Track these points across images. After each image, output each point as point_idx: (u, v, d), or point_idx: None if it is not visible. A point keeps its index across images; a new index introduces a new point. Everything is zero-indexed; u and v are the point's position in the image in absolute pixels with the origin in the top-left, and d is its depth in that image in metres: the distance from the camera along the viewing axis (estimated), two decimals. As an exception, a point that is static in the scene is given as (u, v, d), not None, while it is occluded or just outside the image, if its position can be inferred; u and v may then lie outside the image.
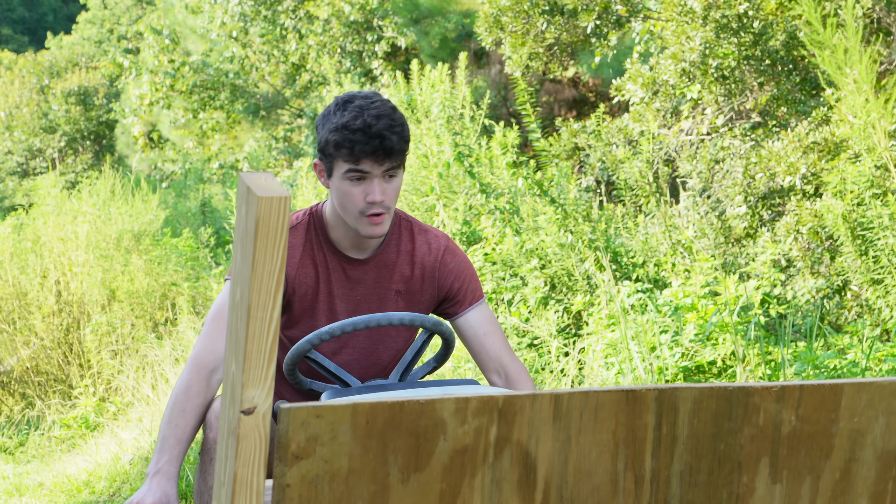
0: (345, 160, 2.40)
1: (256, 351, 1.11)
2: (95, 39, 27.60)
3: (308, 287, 2.53)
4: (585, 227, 5.37)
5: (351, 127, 2.37)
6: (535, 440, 1.20)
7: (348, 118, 2.38)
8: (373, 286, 2.57)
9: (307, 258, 2.54)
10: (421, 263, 2.59)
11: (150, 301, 7.54)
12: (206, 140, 14.46)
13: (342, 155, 2.39)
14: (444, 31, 11.42)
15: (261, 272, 1.09)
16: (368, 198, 2.41)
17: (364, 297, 2.56)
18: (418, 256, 2.59)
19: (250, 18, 13.14)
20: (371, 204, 2.41)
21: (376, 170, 2.40)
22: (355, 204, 2.42)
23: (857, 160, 4.79)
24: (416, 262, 2.59)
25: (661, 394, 1.23)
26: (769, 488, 1.30)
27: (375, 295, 2.56)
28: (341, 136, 2.38)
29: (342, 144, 2.38)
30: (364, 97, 2.43)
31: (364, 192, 2.41)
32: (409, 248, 2.60)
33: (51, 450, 6.33)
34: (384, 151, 2.38)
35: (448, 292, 2.61)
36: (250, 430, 1.12)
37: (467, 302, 2.61)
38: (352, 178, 2.41)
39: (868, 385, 1.29)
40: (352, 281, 2.55)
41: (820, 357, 3.87)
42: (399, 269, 2.58)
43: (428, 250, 2.61)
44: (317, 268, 2.54)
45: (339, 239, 2.54)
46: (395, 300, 2.58)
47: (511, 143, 6.51)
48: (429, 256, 2.60)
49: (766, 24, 5.71)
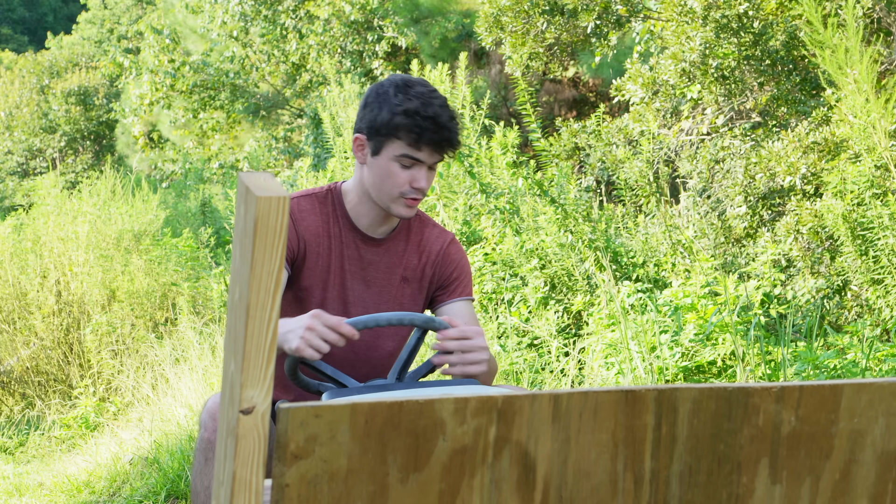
0: (406, 143, 2.44)
1: (255, 350, 1.11)
2: (95, 39, 27.61)
3: (320, 256, 2.56)
4: (585, 227, 5.37)
5: (422, 114, 2.42)
6: (535, 440, 1.20)
7: (416, 105, 2.43)
8: (383, 270, 2.61)
9: (322, 228, 2.56)
10: (427, 252, 2.65)
11: (150, 301, 7.54)
12: (206, 140, 14.46)
13: (405, 139, 2.44)
14: (445, 31, 11.43)
15: (259, 272, 1.09)
16: (415, 184, 2.47)
17: (374, 279, 2.60)
18: (425, 246, 2.66)
19: (251, 18, 13.14)
20: (416, 189, 2.47)
21: (430, 159, 2.46)
22: (398, 186, 2.47)
23: (857, 160, 4.79)
24: (423, 251, 2.65)
25: (660, 394, 1.23)
26: (769, 489, 1.29)
27: (385, 279, 2.61)
28: (411, 121, 2.42)
29: (410, 129, 2.42)
30: (422, 84, 2.48)
31: (411, 177, 2.47)
32: (417, 238, 2.66)
33: (51, 450, 6.33)
34: (448, 144, 2.46)
35: (444, 280, 2.67)
36: (249, 430, 1.12)
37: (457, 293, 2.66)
38: (404, 162, 2.46)
39: (868, 386, 1.29)
40: (364, 261, 2.59)
41: (820, 357, 3.87)
42: (407, 257, 2.63)
43: (435, 240, 2.67)
44: (331, 240, 2.57)
45: (360, 216, 2.58)
46: (401, 286, 2.62)
47: (511, 143, 6.51)
48: (435, 245, 2.67)
49: (766, 24, 5.71)
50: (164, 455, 4.91)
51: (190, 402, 5.64)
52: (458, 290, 2.66)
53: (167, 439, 5.17)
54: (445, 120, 2.43)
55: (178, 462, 4.74)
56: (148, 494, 4.59)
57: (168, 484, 4.60)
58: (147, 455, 5.09)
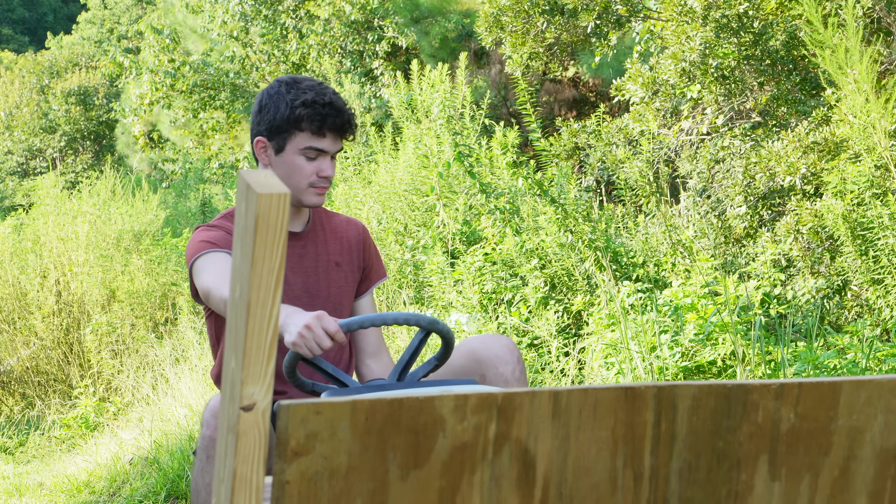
0: (309, 133, 2.55)
1: (256, 348, 1.11)
2: (95, 39, 27.60)
3: None
4: (585, 227, 5.37)
5: (319, 102, 2.54)
6: (535, 437, 1.21)
7: (312, 95, 2.55)
8: (314, 259, 2.74)
9: None
10: (346, 238, 2.81)
11: (150, 301, 7.54)
12: (207, 140, 14.46)
13: (308, 128, 2.55)
14: (445, 31, 11.42)
15: (260, 269, 1.09)
16: (322, 173, 2.59)
17: (312, 268, 2.73)
18: (342, 233, 2.81)
19: (251, 18, 13.14)
20: (323, 178, 2.60)
21: (333, 147, 2.59)
22: (306, 177, 2.59)
23: (857, 160, 4.79)
24: (341, 237, 2.80)
25: (660, 391, 1.23)
26: (768, 486, 1.30)
27: (322, 267, 2.74)
28: (311, 110, 2.53)
29: (312, 118, 2.54)
30: (309, 79, 2.62)
31: (317, 168, 2.59)
32: (332, 226, 2.81)
33: (51, 450, 6.33)
34: (349, 127, 2.59)
35: (366, 265, 2.84)
36: (250, 427, 1.12)
37: (370, 281, 2.86)
38: (308, 154, 2.58)
39: (867, 383, 1.29)
40: (295, 255, 2.71)
41: (820, 357, 3.87)
42: (329, 244, 2.77)
43: (346, 227, 2.84)
44: None
45: None
46: (337, 271, 2.75)
47: (511, 143, 6.51)
48: (351, 231, 2.83)
49: (766, 24, 5.71)
50: (164, 455, 4.91)
51: (190, 402, 5.64)
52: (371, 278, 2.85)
53: (167, 439, 5.17)
54: (342, 105, 2.56)
55: (178, 462, 4.74)
56: (148, 494, 4.59)
57: (168, 484, 4.60)
58: (147, 455, 5.09)
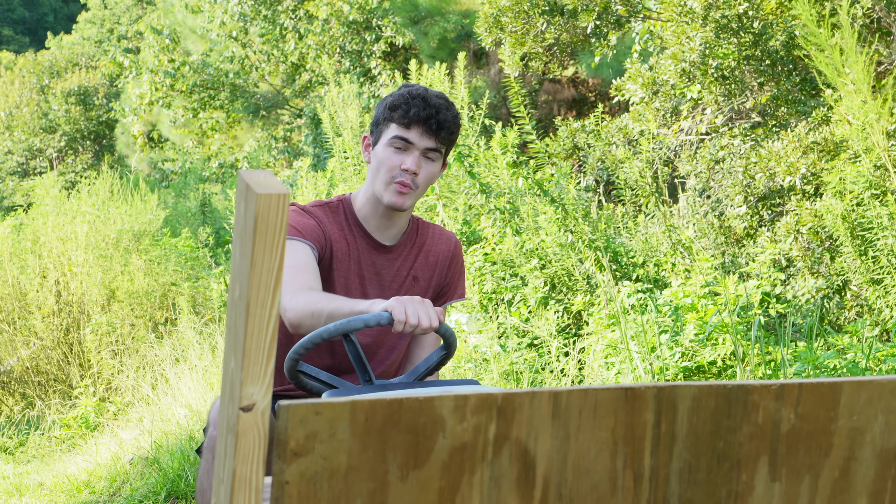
0: (397, 123, 2.53)
1: (255, 348, 1.11)
2: (95, 39, 27.61)
3: (342, 260, 2.63)
4: (585, 227, 5.36)
5: (412, 94, 2.54)
6: (534, 438, 1.20)
7: (410, 90, 2.56)
8: (395, 273, 2.70)
9: (340, 235, 2.64)
10: (435, 253, 2.75)
11: (150, 301, 7.54)
12: (206, 140, 14.46)
13: (396, 117, 2.53)
14: (444, 31, 11.43)
15: (259, 269, 1.09)
16: (404, 165, 2.53)
17: (388, 282, 2.69)
18: (431, 247, 2.75)
19: (250, 18, 13.14)
20: (404, 171, 2.54)
21: (421, 142, 2.53)
22: (390, 169, 2.55)
23: (856, 160, 4.79)
24: (429, 252, 2.74)
25: (660, 392, 1.23)
26: (768, 486, 1.29)
27: (398, 281, 2.69)
28: (401, 99, 2.54)
29: (399, 106, 2.53)
30: (426, 88, 2.60)
31: (402, 160, 2.54)
32: (421, 241, 2.74)
33: (51, 450, 6.33)
34: (437, 123, 2.52)
35: (447, 281, 2.77)
36: (249, 427, 1.12)
37: (448, 297, 2.78)
38: (396, 144, 2.54)
39: (867, 383, 1.29)
40: (377, 266, 2.67)
41: (820, 357, 3.87)
42: (413, 258, 2.72)
43: (439, 241, 2.77)
44: (349, 247, 2.64)
45: (368, 219, 2.65)
46: (411, 285, 2.71)
47: (511, 143, 6.51)
48: (440, 246, 2.76)
49: (765, 25, 5.71)
50: (164, 455, 4.90)
51: (190, 402, 5.64)
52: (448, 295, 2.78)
53: (167, 439, 5.17)
54: (437, 104, 2.53)
55: (178, 462, 4.74)
56: (148, 494, 4.59)
57: (168, 484, 4.60)
58: (147, 455, 5.08)
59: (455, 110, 2.58)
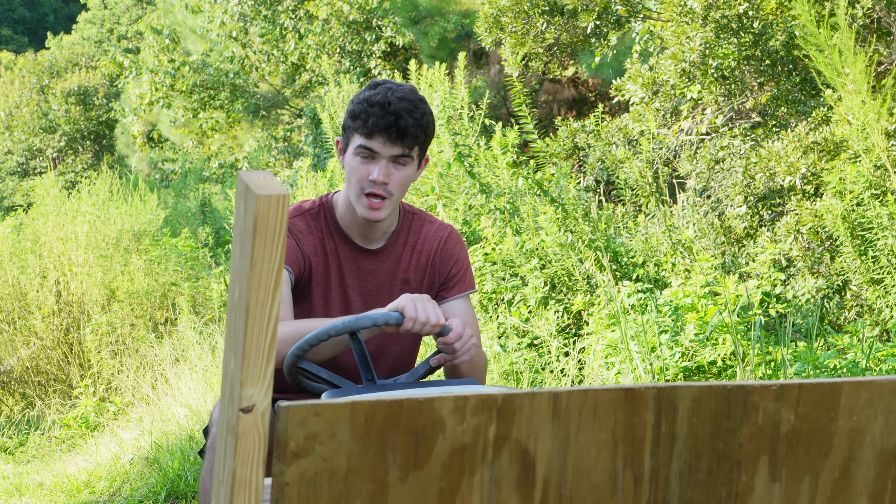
0: (359, 133, 2.40)
1: (255, 349, 1.11)
2: (95, 39, 27.61)
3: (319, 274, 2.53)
4: (585, 227, 5.36)
5: (371, 101, 2.39)
6: (534, 439, 1.20)
7: (372, 93, 2.41)
8: (383, 277, 2.58)
9: (319, 247, 2.53)
10: (427, 251, 2.60)
11: (150, 301, 7.54)
12: (206, 140, 14.46)
13: (357, 127, 2.40)
14: (444, 31, 11.43)
15: (259, 270, 1.09)
16: (371, 176, 2.40)
17: (376, 288, 2.57)
18: (420, 245, 2.60)
19: (250, 18, 13.14)
20: (372, 182, 2.41)
21: (386, 151, 2.40)
22: (359, 181, 2.42)
23: (856, 160, 4.79)
24: (420, 251, 2.60)
25: (659, 392, 1.23)
26: (768, 487, 1.29)
27: (386, 287, 2.57)
28: (360, 108, 2.39)
29: (358, 115, 2.39)
30: (395, 83, 2.45)
31: (369, 170, 2.41)
32: (414, 239, 2.61)
33: (51, 450, 6.33)
34: (397, 131, 2.37)
35: (445, 276, 2.62)
36: (249, 429, 1.12)
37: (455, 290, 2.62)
38: (362, 154, 2.41)
39: (867, 384, 1.29)
40: (362, 272, 2.56)
41: (820, 357, 3.87)
42: (403, 260, 2.59)
43: (431, 237, 2.62)
44: (328, 257, 2.54)
45: (349, 225, 2.54)
46: (402, 288, 2.59)
47: (511, 143, 6.51)
48: (432, 243, 2.61)
49: (765, 25, 5.71)
50: (164, 455, 4.90)
51: (190, 402, 5.64)
52: (456, 287, 2.62)
53: (167, 439, 5.17)
54: (399, 107, 2.37)
55: (178, 462, 4.74)
56: (148, 494, 4.59)
57: (168, 484, 4.60)
58: (147, 455, 5.08)
59: (422, 109, 2.41)
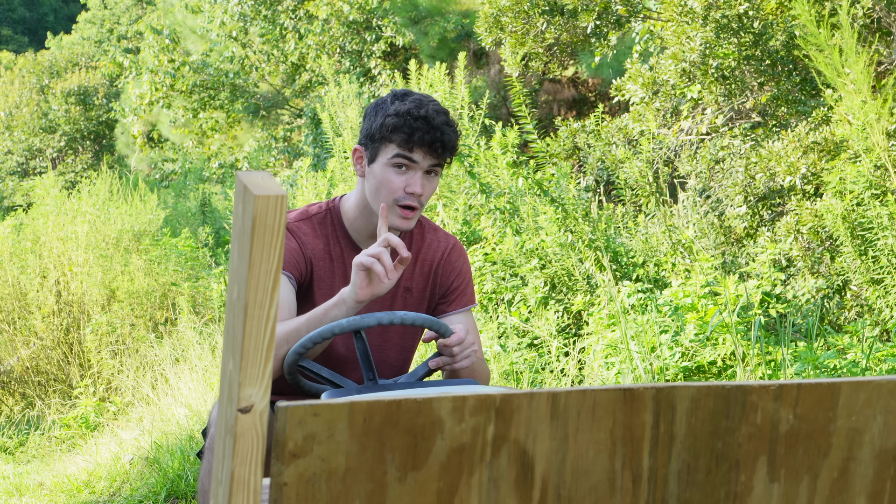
0: (398, 145, 2.41)
1: (254, 349, 1.11)
2: (95, 39, 27.62)
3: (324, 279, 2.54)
4: (585, 227, 5.36)
5: (413, 114, 2.40)
6: (533, 439, 1.20)
7: (410, 106, 2.42)
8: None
9: (324, 251, 2.54)
10: (429, 261, 2.61)
11: (150, 301, 7.54)
12: (206, 140, 14.46)
13: (397, 139, 2.41)
14: (444, 31, 11.42)
15: (257, 270, 1.09)
16: (409, 188, 2.42)
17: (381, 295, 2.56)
18: (426, 255, 2.62)
19: (250, 18, 13.14)
20: (409, 194, 2.43)
21: (424, 162, 2.43)
22: (392, 192, 2.43)
23: (856, 160, 4.78)
24: (423, 259, 2.61)
25: (658, 392, 1.23)
26: (767, 487, 1.29)
27: (388, 293, 2.57)
28: (402, 121, 2.40)
29: (401, 129, 2.40)
30: (421, 94, 2.48)
31: (405, 182, 2.43)
32: (418, 247, 2.62)
33: (51, 450, 6.33)
34: (441, 145, 2.42)
35: (446, 289, 2.63)
36: (247, 429, 1.12)
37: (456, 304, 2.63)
38: (398, 164, 2.43)
39: (866, 384, 1.29)
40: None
41: (820, 357, 3.87)
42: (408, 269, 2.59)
43: (434, 248, 2.63)
44: (333, 262, 2.54)
45: (359, 230, 2.55)
46: (403, 296, 2.59)
47: (511, 142, 6.51)
48: (435, 253, 2.63)
49: (766, 25, 5.71)
50: (164, 455, 4.91)
51: (190, 402, 5.64)
52: (457, 301, 2.63)
53: (167, 439, 5.17)
54: (438, 121, 2.41)
55: (178, 462, 4.74)
56: (148, 494, 4.59)
57: (168, 484, 4.60)
58: (147, 455, 5.08)
59: (454, 123, 2.47)
